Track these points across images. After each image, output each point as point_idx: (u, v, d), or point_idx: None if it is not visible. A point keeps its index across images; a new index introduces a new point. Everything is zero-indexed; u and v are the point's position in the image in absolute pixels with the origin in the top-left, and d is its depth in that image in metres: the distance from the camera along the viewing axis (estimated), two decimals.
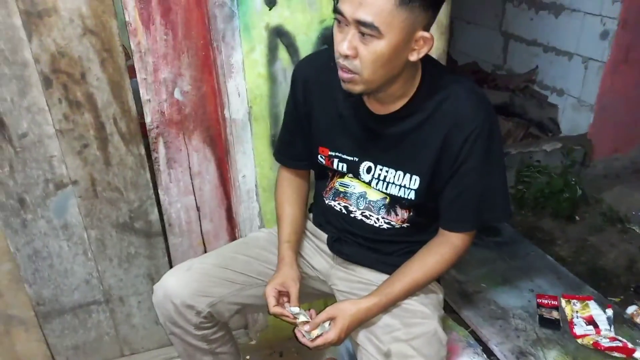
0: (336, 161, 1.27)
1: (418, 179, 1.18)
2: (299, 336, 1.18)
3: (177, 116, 1.48)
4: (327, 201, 1.34)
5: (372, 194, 1.26)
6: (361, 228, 1.30)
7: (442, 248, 1.22)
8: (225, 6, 1.33)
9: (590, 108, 2.81)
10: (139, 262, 1.68)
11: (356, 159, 1.24)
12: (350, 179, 1.28)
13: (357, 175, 1.26)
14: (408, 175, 1.19)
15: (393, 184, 1.21)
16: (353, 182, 1.28)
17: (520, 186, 2.72)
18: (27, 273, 1.58)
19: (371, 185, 1.24)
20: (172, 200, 1.59)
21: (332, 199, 1.33)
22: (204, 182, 1.61)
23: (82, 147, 1.47)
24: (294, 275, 1.25)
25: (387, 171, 1.21)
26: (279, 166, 1.43)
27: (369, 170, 1.23)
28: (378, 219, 1.27)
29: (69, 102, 1.40)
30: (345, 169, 1.26)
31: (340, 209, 1.32)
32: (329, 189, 1.33)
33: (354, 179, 1.27)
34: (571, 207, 2.60)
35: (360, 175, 1.25)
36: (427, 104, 1.13)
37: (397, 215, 1.26)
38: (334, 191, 1.32)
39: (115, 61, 1.40)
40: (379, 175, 1.22)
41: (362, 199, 1.28)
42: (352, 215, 1.30)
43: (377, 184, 1.23)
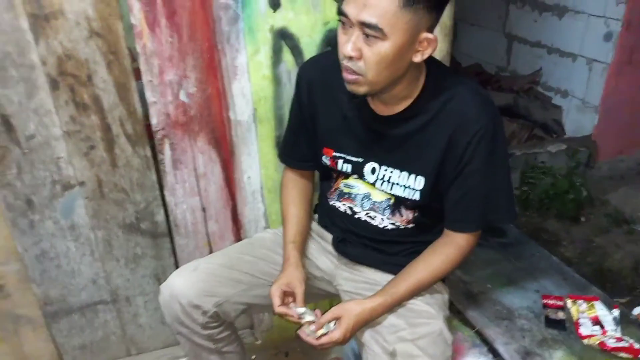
0: (341, 162, 1.27)
1: (423, 179, 1.18)
2: (302, 335, 1.18)
3: (182, 118, 1.49)
4: (331, 202, 1.35)
5: (376, 194, 1.26)
6: (366, 229, 1.30)
7: (447, 248, 1.23)
8: (229, 9, 1.34)
9: (594, 109, 2.81)
10: (145, 263, 1.69)
11: (360, 160, 1.24)
12: (354, 180, 1.28)
13: (361, 176, 1.26)
14: (413, 176, 1.19)
15: (398, 184, 1.21)
16: (357, 183, 1.28)
17: (525, 187, 2.71)
18: (35, 273, 1.59)
19: (376, 186, 1.25)
20: (178, 201, 1.60)
21: (336, 199, 1.33)
22: (209, 183, 1.62)
23: (88, 149, 1.48)
24: (299, 276, 1.26)
25: (391, 172, 1.21)
26: (283, 167, 1.43)
27: (373, 171, 1.24)
28: (383, 219, 1.28)
29: (75, 104, 1.42)
30: (349, 170, 1.26)
31: (345, 210, 1.32)
32: (333, 190, 1.34)
33: (359, 179, 1.27)
34: (576, 209, 2.59)
35: (365, 176, 1.25)
36: (432, 105, 1.13)
37: (401, 216, 1.27)
38: (338, 192, 1.33)
39: (121, 63, 1.41)
40: (384, 176, 1.22)
41: (367, 199, 1.28)
42: (357, 216, 1.30)
43: (382, 184, 1.23)
